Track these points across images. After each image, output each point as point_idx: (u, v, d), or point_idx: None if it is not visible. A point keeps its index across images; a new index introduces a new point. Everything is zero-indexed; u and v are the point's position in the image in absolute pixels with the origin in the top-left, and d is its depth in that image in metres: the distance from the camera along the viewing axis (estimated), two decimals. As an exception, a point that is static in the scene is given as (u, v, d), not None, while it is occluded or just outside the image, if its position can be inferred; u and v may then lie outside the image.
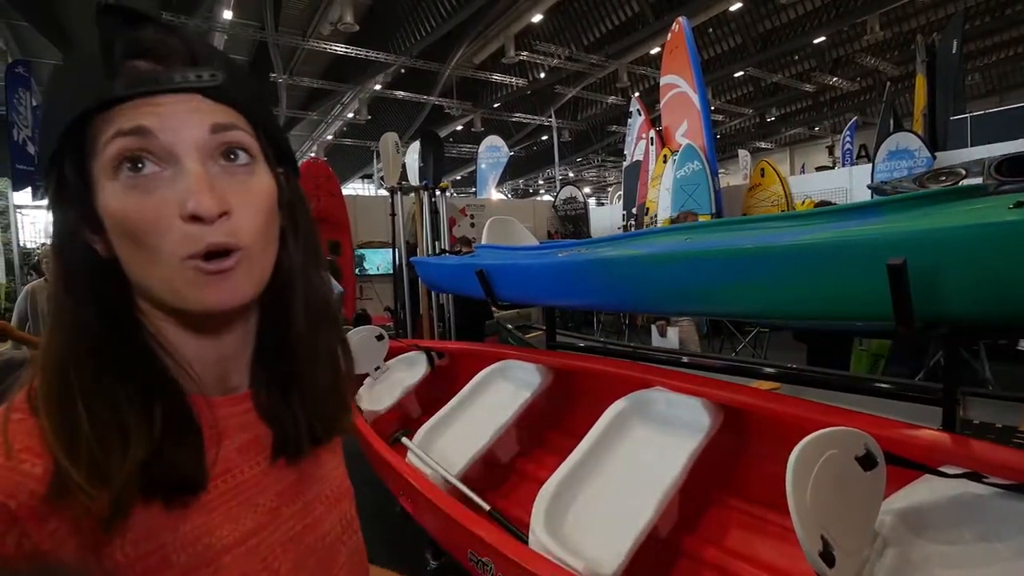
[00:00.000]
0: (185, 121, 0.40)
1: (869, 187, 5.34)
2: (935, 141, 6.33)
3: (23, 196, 8.14)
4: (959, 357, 1.30)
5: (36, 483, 0.36)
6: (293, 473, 0.48)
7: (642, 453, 1.51)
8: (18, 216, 8.20)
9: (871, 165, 6.05)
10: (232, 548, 0.42)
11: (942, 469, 1.01)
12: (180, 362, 0.43)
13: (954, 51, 6.63)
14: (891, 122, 7.36)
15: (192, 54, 0.41)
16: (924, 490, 1.01)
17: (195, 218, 0.38)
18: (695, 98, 6.40)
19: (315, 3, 10.32)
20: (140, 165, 0.38)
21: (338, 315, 0.54)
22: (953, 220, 1.02)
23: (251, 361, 0.48)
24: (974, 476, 0.96)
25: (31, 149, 7.72)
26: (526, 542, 1.31)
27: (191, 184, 0.38)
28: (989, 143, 5.58)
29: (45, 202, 0.42)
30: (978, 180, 4.32)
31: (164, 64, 0.40)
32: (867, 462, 0.92)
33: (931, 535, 0.96)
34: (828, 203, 5.63)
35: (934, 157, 5.52)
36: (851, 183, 6.61)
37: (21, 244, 7.83)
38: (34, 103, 7.96)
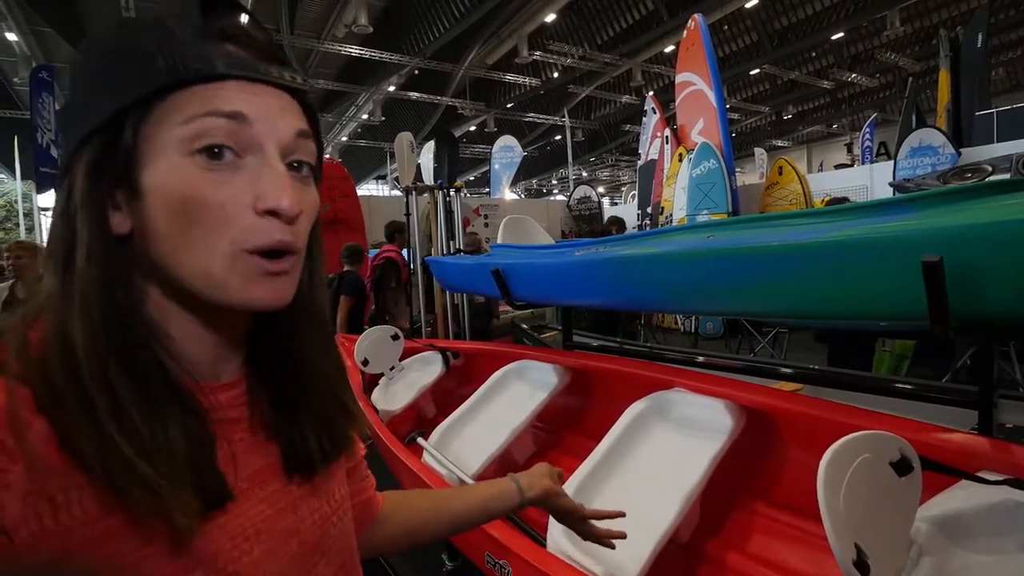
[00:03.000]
0: (278, 118, 0.40)
1: (891, 184, 5.23)
2: (959, 137, 6.18)
3: (47, 198, 8.33)
4: (994, 358, 1.25)
5: None
6: (262, 459, 0.46)
7: (663, 455, 1.48)
8: (42, 218, 8.39)
9: (893, 162, 5.93)
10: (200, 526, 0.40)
11: (980, 475, 0.97)
12: (175, 354, 0.41)
13: (979, 45, 6.47)
14: (913, 118, 7.20)
15: (276, 52, 0.42)
16: (962, 496, 0.96)
17: (272, 213, 0.38)
18: (711, 95, 6.33)
19: (330, 6, 10.41)
20: (217, 151, 0.37)
21: (333, 331, 0.54)
22: (990, 216, 0.98)
23: (244, 357, 0.48)
24: (1016, 483, 0.91)
25: (54, 152, 7.88)
26: (544, 544, 1.29)
27: (276, 181, 0.39)
28: (1017, 139, 5.44)
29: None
30: (1006, 176, 4.21)
31: (252, 52, 0.40)
32: (902, 467, 0.88)
33: (970, 544, 0.92)
34: (842, 200, 5.52)
35: (959, 153, 5.39)
36: (872, 181, 6.49)
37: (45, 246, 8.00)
38: (57, 107, 8.12)
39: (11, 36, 9.33)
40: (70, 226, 0.38)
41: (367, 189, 22.42)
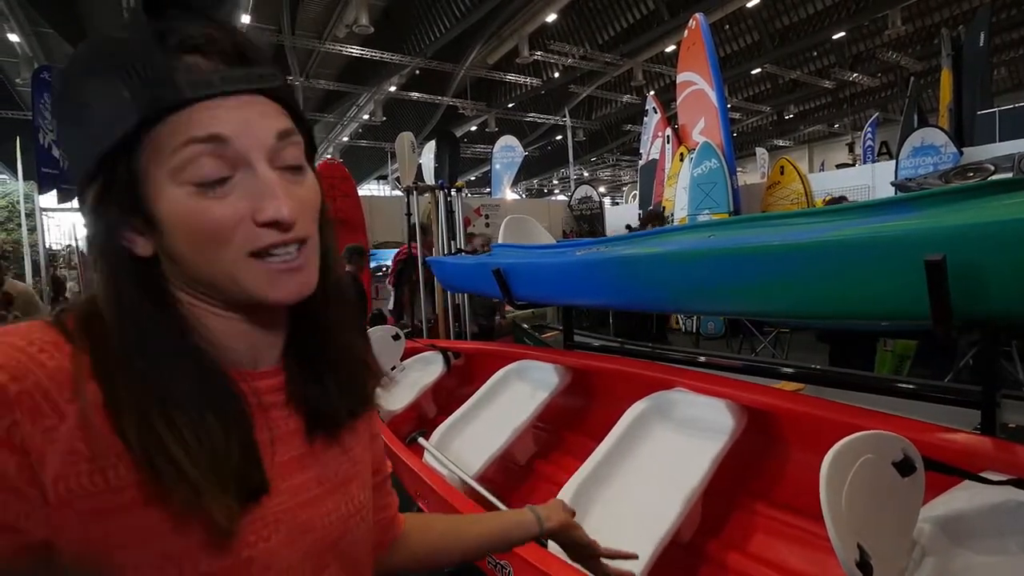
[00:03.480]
0: (256, 127, 0.40)
1: (893, 184, 5.22)
2: (961, 136, 6.16)
3: (49, 199, 8.33)
4: (997, 358, 1.24)
5: (45, 375, 0.35)
6: (293, 450, 0.47)
7: (664, 455, 1.48)
8: (44, 218, 8.39)
9: (895, 161, 5.91)
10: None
11: (984, 475, 0.96)
12: (219, 349, 0.43)
13: (981, 44, 6.46)
14: (915, 117, 7.19)
15: (242, 50, 0.41)
16: (964, 497, 0.96)
17: (272, 224, 0.40)
18: (712, 95, 6.32)
19: (331, 6, 10.41)
20: (209, 176, 0.39)
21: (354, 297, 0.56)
22: (993, 215, 0.98)
23: (284, 345, 0.49)
24: (1019, 483, 0.91)
25: (56, 153, 7.88)
26: (545, 545, 1.29)
27: (269, 191, 0.40)
28: (1019, 138, 5.42)
29: (73, 204, 0.42)
30: (1008, 175, 4.20)
31: (216, 60, 0.39)
32: (905, 467, 0.88)
33: (973, 544, 0.92)
34: (840, 199, 5.51)
35: (961, 153, 5.38)
36: (874, 180, 6.48)
37: (47, 246, 8.01)
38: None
39: (13, 37, 9.33)
40: (92, 253, 0.41)
41: (368, 189, 22.41)
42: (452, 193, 5.08)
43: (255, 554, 0.41)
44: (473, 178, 21.88)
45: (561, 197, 17.30)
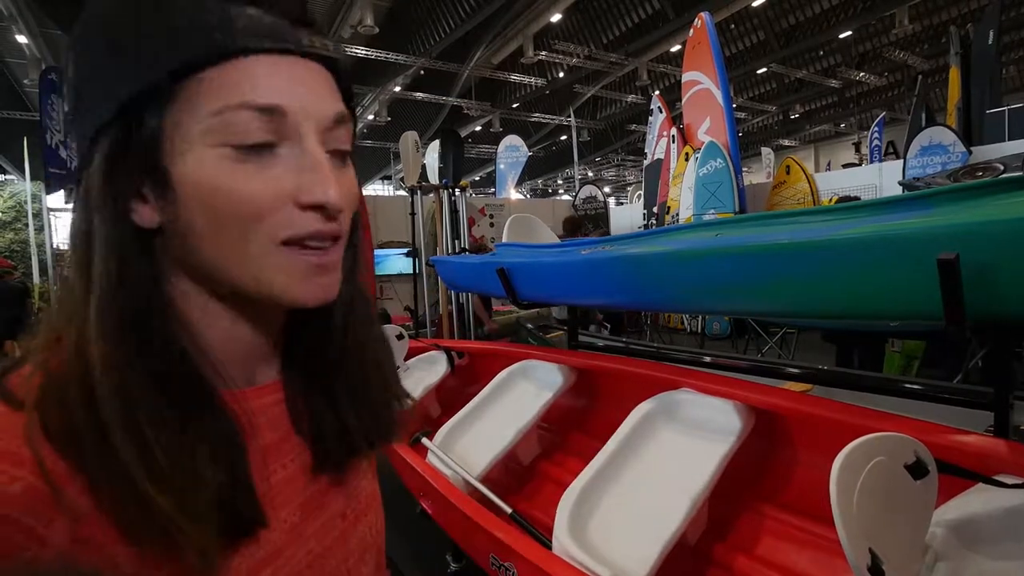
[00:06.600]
0: (315, 101, 0.35)
1: (901, 183, 5.17)
2: (970, 135, 6.11)
3: (56, 199, 8.39)
4: (1010, 359, 1.22)
5: (11, 506, 0.29)
6: (318, 481, 0.43)
7: (670, 456, 1.46)
8: (51, 218, 8.44)
9: (902, 161, 5.87)
10: (249, 574, 0.36)
11: (997, 478, 0.94)
12: (209, 358, 0.37)
13: (990, 42, 6.40)
14: (923, 116, 7.13)
15: (304, 14, 0.36)
16: (978, 501, 0.94)
17: (316, 208, 0.35)
18: (718, 94, 6.30)
19: (336, 6, 10.43)
20: (253, 140, 0.33)
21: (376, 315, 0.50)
22: (1008, 212, 0.96)
23: (282, 355, 0.44)
24: (1035, 486, 0.89)
25: (63, 153, 7.94)
26: (549, 547, 1.28)
27: (320, 171, 0.34)
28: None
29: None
30: (1018, 175, 4.15)
31: (277, 15, 0.34)
32: (917, 470, 0.86)
33: (987, 549, 0.90)
34: (851, 199, 5.46)
35: (969, 152, 5.33)
36: (881, 180, 6.43)
37: (55, 246, 8.07)
38: (66, 108, 8.17)
39: (21, 39, 9.41)
40: (88, 222, 0.34)
41: (372, 189, 22.48)
42: (456, 193, 5.08)
43: None
44: (478, 178, 21.90)
45: (566, 197, 17.28)
